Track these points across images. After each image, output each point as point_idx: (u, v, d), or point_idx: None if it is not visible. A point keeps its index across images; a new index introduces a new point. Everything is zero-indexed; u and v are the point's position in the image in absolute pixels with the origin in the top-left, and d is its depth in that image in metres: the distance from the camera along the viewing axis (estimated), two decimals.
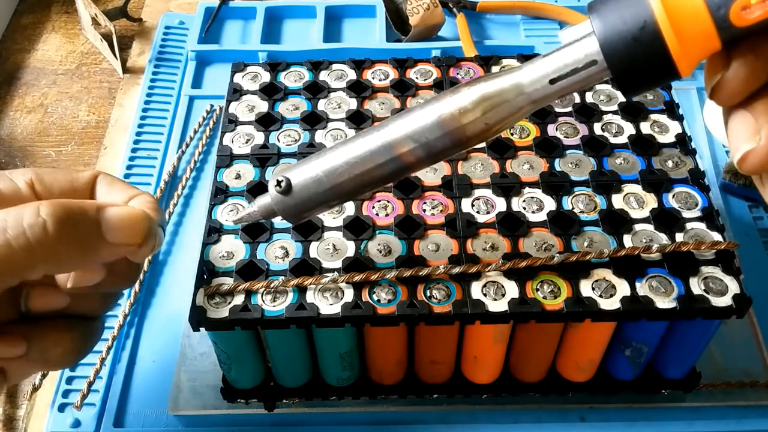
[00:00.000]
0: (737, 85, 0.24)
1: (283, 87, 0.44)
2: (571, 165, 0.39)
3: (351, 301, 0.33)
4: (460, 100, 0.28)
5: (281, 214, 0.32)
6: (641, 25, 0.24)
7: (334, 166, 0.30)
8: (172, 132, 0.55)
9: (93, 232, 0.30)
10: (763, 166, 0.24)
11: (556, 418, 0.41)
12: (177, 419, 0.41)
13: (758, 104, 0.24)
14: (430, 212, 0.37)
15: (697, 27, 0.23)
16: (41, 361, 0.32)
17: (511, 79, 0.27)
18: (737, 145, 0.25)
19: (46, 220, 0.28)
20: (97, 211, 0.30)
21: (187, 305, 0.34)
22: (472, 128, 0.28)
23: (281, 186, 0.31)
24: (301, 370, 0.39)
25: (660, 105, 0.42)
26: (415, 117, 0.29)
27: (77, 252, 0.30)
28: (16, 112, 0.59)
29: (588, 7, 0.25)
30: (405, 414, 0.41)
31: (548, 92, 0.27)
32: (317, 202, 0.31)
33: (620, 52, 0.24)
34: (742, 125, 0.25)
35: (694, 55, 0.24)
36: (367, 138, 0.30)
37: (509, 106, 0.27)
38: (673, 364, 0.39)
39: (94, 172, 0.34)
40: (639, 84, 0.25)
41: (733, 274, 0.34)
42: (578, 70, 0.26)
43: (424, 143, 0.29)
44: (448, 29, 0.62)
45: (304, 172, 0.31)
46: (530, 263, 0.34)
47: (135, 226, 0.31)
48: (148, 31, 0.65)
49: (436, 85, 0.43)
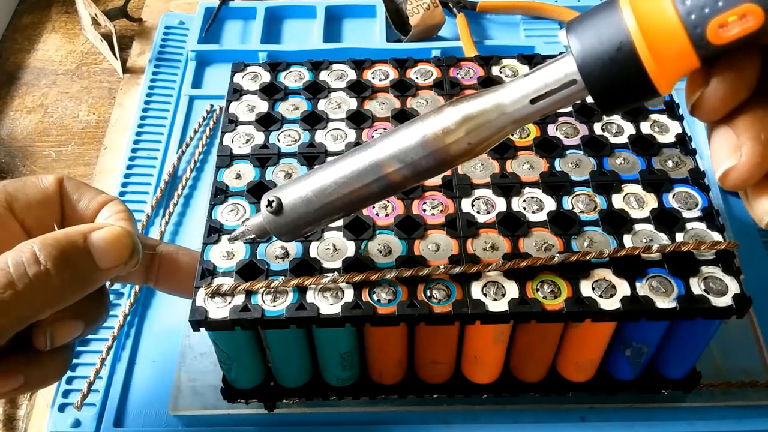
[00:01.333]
0: (717, 102, 0.24)
1: (283, 87, 0.44)
2: (571, 165, 0.39)
3: (351, 301, 0.33)
4: (443, 121, 0.28)
5: (273, 233, 0.33)
6: (618, 46, 0.24)
7: (323, 186, 0.31)
8: (172, 132, 0.55)
9: (88, 263, 0.31)
10: (744, 182, 0.24)
11: (556, 418, 0.41)
12: (177, 419, 0.41)
13: (739, 121, 0.24)
14: (430, 212, 0.37)
15: (673, 46, 0.23)
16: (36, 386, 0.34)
17: (493, 99, 0.28)
18: (719, 162, 0.25)
19: (48, 268, 0.29)
20: (84, 241, 0.31)
21: (187, 305, 0.34)
22: (455, 148, 0.28)
23: (272, 206, 0.32)
24: (301, 370, 0.39)
25: (660, 105, 0.42)
26: (400, 137, 0.29)
27: (79, 287, 0.31)
28: (16, 112, 0.59)
29: (566, 26, 0.25)
30: (405, 414, 0.41)
31: (529, 112, 0.27)
32: (308, 221, 0.32)
33: (598, 72, 0.24)
34: (723, 141, 0.25)
35: (671, 73, 0.24)
36: (355, 158, 0.30)
37: (491, 126, 0.28)
38: (673, 364, 0.39)
39: (57, 178, 0.35)
40: (618, 103, 0.25)
41: (733, 274, 0.34)
42: (558, 89, 0.26)
43: (410, 163, 0.29)
44: (448, 29, 0.62)
45: (295, 192, 0.32)
46: (530, 263, 0.34)
47: (121, 246, 0.32)
48: (148, 31, 0.65)
49: (436, 85, 0.43)
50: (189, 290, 0.35)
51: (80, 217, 0.35)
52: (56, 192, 0.34)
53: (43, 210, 0.34)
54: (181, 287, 0.37)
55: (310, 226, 0.32)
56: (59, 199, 0.34)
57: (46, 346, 0.32)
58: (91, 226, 0.32)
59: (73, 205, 0.35)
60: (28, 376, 0.32)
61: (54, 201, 0.34)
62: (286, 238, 0.33)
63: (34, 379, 0.32)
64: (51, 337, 0.32)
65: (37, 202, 0.34)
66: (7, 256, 0.29)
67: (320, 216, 0.32)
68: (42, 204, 0.34)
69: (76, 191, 0.35)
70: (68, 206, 0.35)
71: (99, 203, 0.35)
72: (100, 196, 0.35)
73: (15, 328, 0.29)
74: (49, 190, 0.34)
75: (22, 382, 0.32)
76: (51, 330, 0.32)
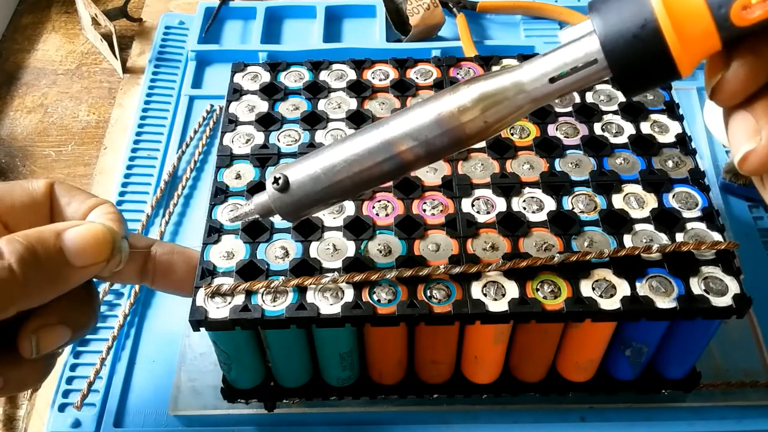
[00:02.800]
0: (737, 86, 0.24)
1: (283, 87, 0.44)
2: (571, 165, 0.39)
3: (351, 301, 0.33)
4: (460, 99, 0.28)
5: (279, 212, 0.31)
6: (642, 24, 0.24)
7: (332, 164, 0.30)
8: (172, 132, 0.55)
9: (58, 261, 0.30)
10: (764, 167, 0.24)
11: (556, 418, 0.41)
12: (177, 419, 0.41)
13: (758, 105, 0.24)
14: (430, 212, 0.37)
15: (697, 26, 0.23)
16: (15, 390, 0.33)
17: (512, 77, 0.27)
18: (738, 146, 0.25)
19: (10, 263, 0.28)
20: (57, 238, 0.30)
21: (187, 305, 0.34)
22: (471, 126, 0.28)
23: (279, 183, 0.31)
24: (301, 370, 0.39)
25: (660, 105, 0.42)
26: (414, 115, 0.29)
27: (48, 285, 0.30)
28: (16, 112, 0.59)
29: (588, 6, 0.25)
30: (405, 414, 0.41)
31: (548, 91, 0.27)
32: (315, 200, 0.31)
33: (620, 50, 0.24)
34: (742, 126, 0.25)
35: (694, 54, 0.24)
36: (366, 136, 0.30)
37: (509, 105, 0.27)
38: (673, 364, 0.39)
39: (48, 181, 0.34)
40: (639, 83, 0.25)
41: (733, 274, 0.34)
42: (578, 68, 0.26)
43: (423, 141, 0.29)
44: (448, 29, 0.62)
45: (303, 170, 0.31)
46: (530, 263, 0.34)
47: (98, 244, 0.30)
48: (148, 31, 0.65)
49: (436, 85, 0.43)
50: (186, 289, 0.34)
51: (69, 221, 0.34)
52: (45, 196, 0.33)
53: (30, 214, 0.33)
54: (177, 287, 0.36)
55: (316, 206, 0.31)
56: (48, 203, 0.34)
57: (32, 353, 0.31)
58: (68, 224, 0.31)
59: (63, 209, 0.34)
60: (8, 378, 0.31)
61: (42, 205, 0.33)
62: (290, 217, 0.32)
63: (14, 382, 0.32)
64: (36, 345, 0.31)
65: (23, 205, 0.33)
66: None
67: (328, 195, 0.31)
68: (29, 208, 0.33)
69: (66, 195, 0.34)
70: (58, 211, 0.34)
71: (89, 206, 0.34)
72: (91, 199, 0.34)
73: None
74: (38, 193, 0.33)
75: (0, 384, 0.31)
76: (36, 337, 0.31)
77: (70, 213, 0.34)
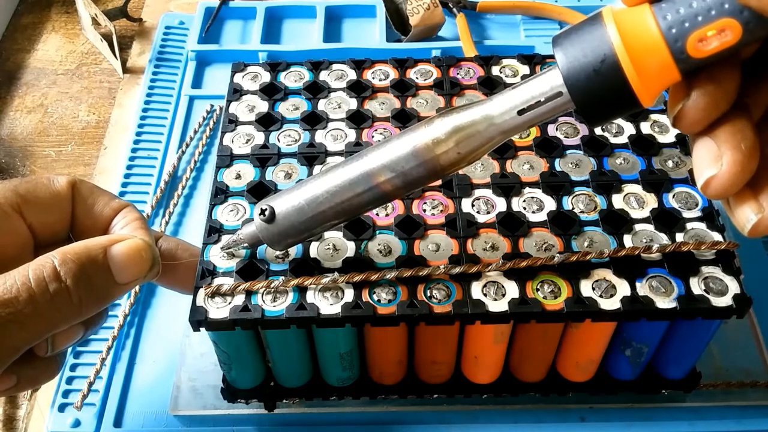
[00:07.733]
0: (698, 114, 0.25)
1: (283, 87, 0.44)
2: (571, 165, 0.39)
3: (351, 301, 0.33)
4: (434, 131, 0.29)
5: (266, 241, 0.33)
6: (602, 59, 0.24)
7: (315, 195, 0.31)
8: (172, 132, 0.55)
9: (106, 279, 0.31)
10: (726, 191, 0.25)
11: (556, 418, 0.41)
12: (177, 419, 0.41)
13: (720, 131, 0.25)
14: (430, 212, 0.37)
15: (655, 60, 0.24)
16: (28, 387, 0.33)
17: (482, 110, 0.28)
18: (700, 171, 0.25)
19: (68, 285, 0.29)
20: (104, 256, 0.30)
21: (187, 305, 0.34)
22: (445, 158, 0.29)
23: (265, 214, 0.32)
24: (301, 370, 0.39)
25: (660, 105, 0.42)
26: (392, 147, 0.30)
27: (95, 302, 0.31)
28: (16, 112, 0.59)
29: (552, 41, 0.26)
30: (405, 414, 0.41)
31: (517, 123, 0.28)
32: (300, 230, 0.32)
33: (582, 85, 0.25)
34: (704, 152, 0.25)
35: (654, 86, 0.24)
36: (347, 168, 0.31)
37: (480, 137, 0.29)
38: (673, 365, 0.39)
39: (70, 180, 0.34)
40: (602, 115, 0.26)
41: (733, 274, 0.34)
42: (544, 101, 0.27)
43: (401, 173, 0.30)
44: (448, 29, 0.62)
45: (288, 201, 0.32)
46: (530, 263, 0.34)
47: (141, 261, 0.31)
48: (148, 31, 0.65)
49: (436, 85, 0.43)
50: (187, 285, 0.35)
51: (93, 223, 0.34)
52: (68, 195, 0.34)
53: (52, 213, 0.33)
54: (180, 282, 0.37)
55: (302, 235, 0.33)
56: (71, 202, 0.34)
57: (47, 352, 0.32)
58: (110, 239, 0.31)
59: (86, 210, 0.34)
60: (21, 376, 0.32)
61: (65, 204, 0.34)
62: (278, 246, 0.33)
63: (27, 379, 0.32)
64: (51, 344, 0.32)
65: (47, 205, 0.33)
66: (28, 269, 0.29)
67: (312, 225, 0.32)
68: (52, 207, 0.33)
69: (89, 195, 0.34)
70: (80, 210, 0.34)
71: (113, 209, 0.34)
72: (114, 201, 0.34)
73: (31, 343, 0.29)
74: (62, 193, 0.33)
75: (15, 382, 0.32)
76: (52, 336, 0.31)
77: (94, 215, 0.34)
